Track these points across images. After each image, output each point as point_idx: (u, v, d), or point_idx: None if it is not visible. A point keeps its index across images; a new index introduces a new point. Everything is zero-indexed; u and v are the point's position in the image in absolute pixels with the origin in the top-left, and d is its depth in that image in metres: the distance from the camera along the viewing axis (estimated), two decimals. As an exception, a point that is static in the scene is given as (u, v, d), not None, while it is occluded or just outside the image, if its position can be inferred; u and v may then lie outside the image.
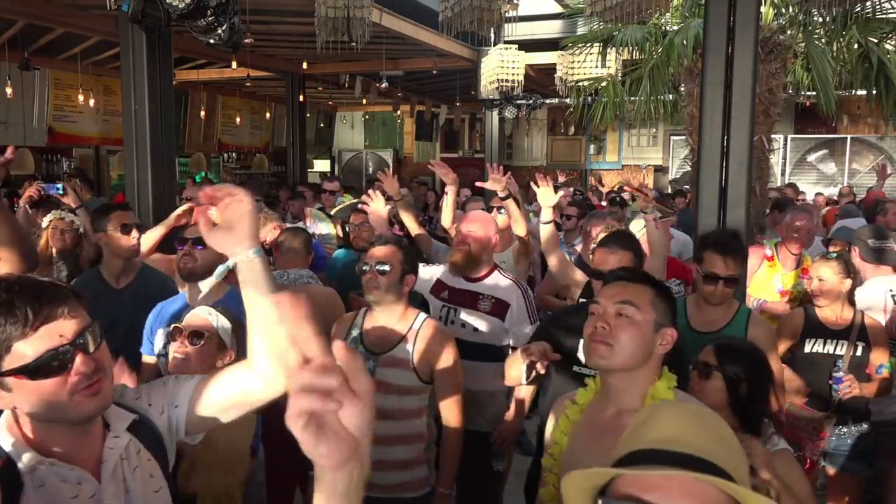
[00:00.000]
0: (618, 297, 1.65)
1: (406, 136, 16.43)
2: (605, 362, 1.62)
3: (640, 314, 1.63)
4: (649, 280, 1.73)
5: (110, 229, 3.11)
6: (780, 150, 12.51)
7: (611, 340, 1.60)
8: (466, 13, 4.61)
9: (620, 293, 1.66)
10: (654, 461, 0.90)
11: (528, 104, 9.84)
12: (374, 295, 2.54)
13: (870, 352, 3.22)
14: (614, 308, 1.63)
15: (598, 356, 1.62)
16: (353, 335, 2.64)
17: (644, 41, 6.52)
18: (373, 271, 2.54)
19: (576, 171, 15.10)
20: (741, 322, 2.78)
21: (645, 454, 0.93)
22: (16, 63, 8.76)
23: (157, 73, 4.12)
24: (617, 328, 1.61)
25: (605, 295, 1.68)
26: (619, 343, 1.60)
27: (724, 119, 3.14)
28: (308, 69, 10.13)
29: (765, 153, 5.97)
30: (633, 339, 1.61)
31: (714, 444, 0.93)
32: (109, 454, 1.29)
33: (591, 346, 1.64)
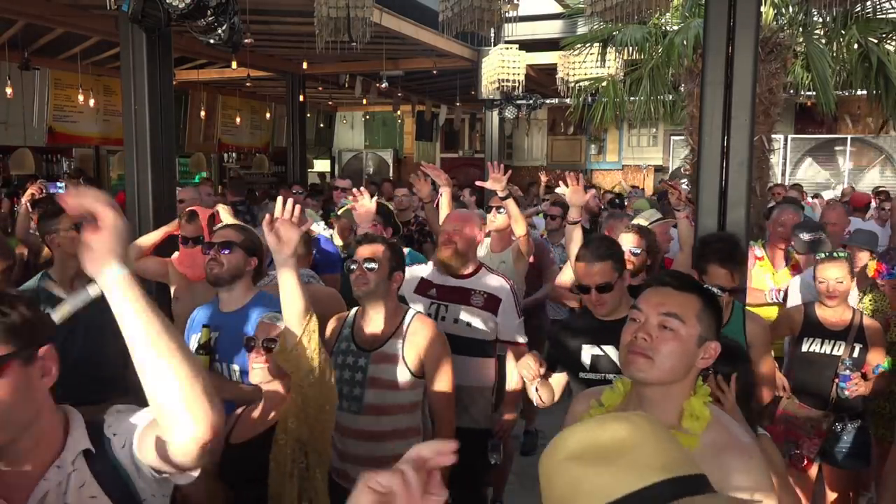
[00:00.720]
0: (662, 308, 1.53)
1: (406, 136, 16.42)
2: (644, 375, 1.52)
3: (685, 328, 1.52)
4: (697, 288, 1.61)
5: (62, 229, 2.99)
6: (780, 150, 12.51)
7: (651, 353, 1.50)
8: (467, 13, 4.61)
9: (665, 303, 1.54)
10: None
11: (529, 104, 9.84)
12: (363, 291, 2.57)
13: (867, 353, 3.23)
14: (658, 319, 1.52)
15: (636, 368, 1.52)
16: (344, 333, 2.67)
17: (644, 41, 6.52)
18: (361, 268, 2.56)
19: (576, 171, 15.10)
20: (738, 320, 2.79)
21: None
22: (16, 63, 8.76)
23: (157, 73, 4.11)
24: (659, 341, 1.51)
25: (648, 302, 1.56)
26: (660, 357, 1.50)
27: (724, 119, 3.14)
28: (308, 69, 10.13)
29: (765, 153, 5.98)
30: (675, 354, 1.51)
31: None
32: (39, 488, 1.22)
33: (629, 356, 1.53)
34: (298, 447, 2.09)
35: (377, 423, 2.55)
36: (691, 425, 1.49)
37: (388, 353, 2.57)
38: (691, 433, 1.47)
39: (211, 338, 2.59)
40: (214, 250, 2.65)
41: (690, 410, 1.51)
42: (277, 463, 2.07)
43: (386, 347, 2.58)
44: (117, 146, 9.87)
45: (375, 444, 2.55)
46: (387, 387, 2.55)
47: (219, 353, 2.62)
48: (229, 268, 2.63)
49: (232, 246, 2.64)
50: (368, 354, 2.58)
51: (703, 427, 1.48)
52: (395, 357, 2.56)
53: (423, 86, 12.11)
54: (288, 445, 2.08)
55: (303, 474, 2.09)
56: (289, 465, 2.06)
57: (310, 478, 2.10)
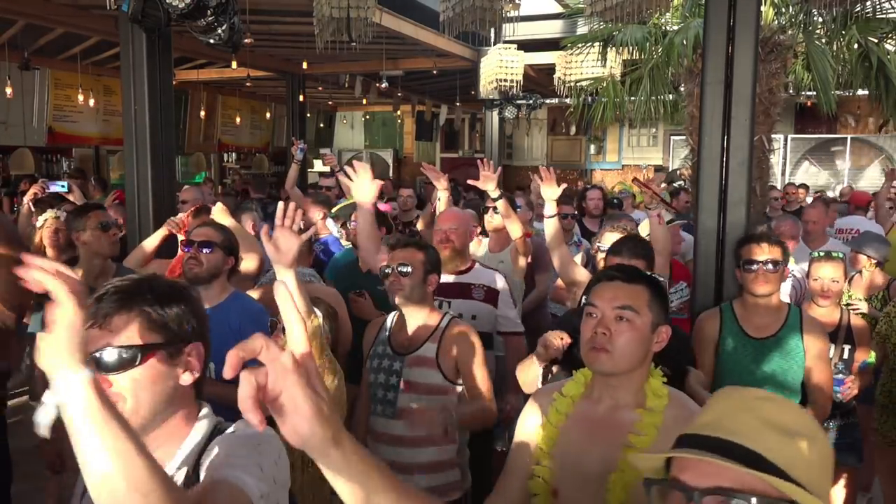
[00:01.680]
0: (616, 302, 1.63)
1: (406, 136, 16.42)
2: (607, 368, 1.61)
3: (640, 318, 1.62)
4: (644, 278, 1.71)
5: (90, 228, 3.15)
6: (780, 150, 12.51)
7: (610, 347, 1.60)
8: (468, 13, 4.60)
9: (618, 296, 1.63)
10: (691, 444, 0.95)
11: (528, 104, 9.84)
12: (398, 297, 2.57)
13: (855, 352, 3.23)
14: (613, 313, 1.62)
15: (599, 364, 1.61)
16: (381, 337, 2.68)
17: (644, 41, 6.52)
18: (395, 273, 2.56)
19: (576, 171, 15.11)
20: (795, 323, 2.75)
21: (687, 438, 0.98)
22: (16, 63, 8.75)
23: (157, 73, 4.11)
24: (617, 334, 1.60)
25: (602, 297, 1.65)
26: (619, 349, 1.60)
27: (724, 119, 3.14)
28: (308, 69, 10.13)
29: (765, 153, 5.97)
30: (633, 343, 1.61)
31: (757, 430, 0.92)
32: None
33: (591, 353, 1.62)
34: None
35: (411, 428, 2.52)
36: (654, 404, 1.61)
37: (423, 357, 2.55)
38: (656, 410, 1.59)
39: None
40: (194, 249, 2.68)
41: (652, 391, 1.63)
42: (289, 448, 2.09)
43: (421, 351, 2.56)
44: (117, 146, 9.87)
45: (408, 450, 2.53)
46: (421, 391, 2.53)
47: None
48: (208, 267, 2.65)
49: (212, 245, 2.66)
50: (403, 358, 2.57)
51: (664, 404, 1.61)
52: (430, 361, 2.55)
53: (423, 86, 12.11)
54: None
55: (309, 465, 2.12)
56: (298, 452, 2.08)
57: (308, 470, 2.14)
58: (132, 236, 4.16)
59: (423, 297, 2.60)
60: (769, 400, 0.99)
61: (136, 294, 1.26)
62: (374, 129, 16.88)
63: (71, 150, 10.62)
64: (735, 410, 0.97)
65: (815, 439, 0.94)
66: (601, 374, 1.65)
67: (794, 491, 0.88)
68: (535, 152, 15.51)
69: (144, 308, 1.25)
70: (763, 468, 0.89)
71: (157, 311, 1.26)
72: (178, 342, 1.27)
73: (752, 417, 0.94)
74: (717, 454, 0.91)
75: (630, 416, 1.60)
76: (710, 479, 0.91)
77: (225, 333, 2.50)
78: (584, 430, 1.63)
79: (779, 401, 0.99)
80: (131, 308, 1.24)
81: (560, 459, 1.62)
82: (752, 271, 2.73)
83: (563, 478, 1.61)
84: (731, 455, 0.91)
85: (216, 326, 2.52)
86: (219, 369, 2.57)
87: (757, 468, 0.89)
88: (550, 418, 1.68)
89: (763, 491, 0.89)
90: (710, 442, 0.93)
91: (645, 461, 1.04)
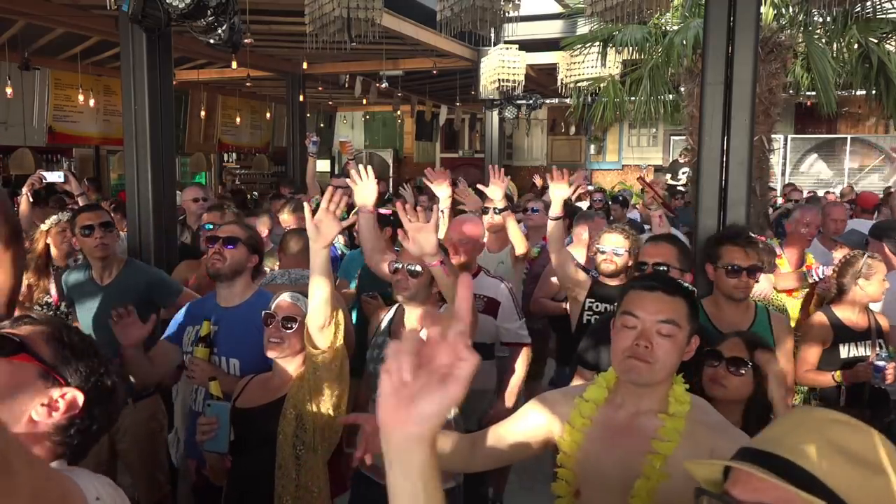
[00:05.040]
0: (661, 315, 1.60)
1: (406, 136, 16.43)
2: (644, 380, 1.60)
3: (681, 332, 1.61)
4: (682, 290, 1.69)
5: (77, 232, 3.22)
6: (780, 150, 12.51)
7: (651, 359, 1.58)
8: (468, 13, 4.60)
9: (662, 310, 1.61)
10: (747, 458, 0.92)
11: (528, 104, 9.83)
12: (403, 296, 2.58)
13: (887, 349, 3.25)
14: (656, 326, 1.59)
15: (636, 374, 1.59)
16: (382, 328, 2.72)
17: (644, 41, 6.52)
18: (403, 272, 2.57)
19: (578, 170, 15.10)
20: (764, 321, 2.77)
21: (745, 451, 0.95)
22: (16, 63, 8.76)
23: (157, 73, 4.11)
24: (658, 347, 1.58)
25: (644, 309, 1.62)
26: (660, 362, 1.58)
27: (724, 119, 3.14)
28: (308, 69, 10.13)
29: (765, 153, 5.97)
30: (672, 357, 1.60)
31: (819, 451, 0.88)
32: None
33: (629, 362, 1.59)
34: (302, 423, 2.17)
35: None
36: (677, 409, 1.61)
37: None
38: (678, 416, 1.59)
39: (211, 331, 2.61)
40: (219, 245, 2.66)
41: (675, 397, 1.62)
42: (285, 435, 2.16)
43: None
44: (117, 146, 9.88)
45: None
46: None
47: (218, 346, 2.64)
48: (231, 263, 2.64)
49: (236, 242, 2.66)
50: None
51: (686, 410, 1.61)
52: None
53: (423, 86, 12.11)
54: (294, 419, 2.16)
55: (300, 451, 2.17)
56: (291, 438, 2.16)
57: (309, 454, 2.17)
58: (132, 236, 4.16)
59: (426, 297, 2.60)
60: (842, 424, 0.93)
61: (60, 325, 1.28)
62: (374, 129, 16.89)
63: (71, 150, 10.63)
64: (801, 428, 0.93)
65: (884, 472, 0.87)
66: (636, 384, 1.62)
67: None
68: (535, 152, 15.52)
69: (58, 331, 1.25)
70: (817, 492, 0.84)
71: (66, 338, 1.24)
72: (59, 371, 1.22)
73: (818, 438, 0.90)
74: (771, 471, 0.87)
75: (653, 422, 1.59)
76: (758, 496, 0.88)
77: (250, 331, 2.53)
78: (608, 437, 1.63)
79: (854, 425, 0.93)
80: (48, 324, 1.26)
81: (583, 463, 1.63)
82: (735, 277, 2.71)
83: (586, 480, 1.62)
84: (785, 474, 0.87)
85: (240, 324, 2.60)
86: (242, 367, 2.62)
87: (810, 491, 0.84)
88: (574, 422, 1.67)
89: None
90: (768, 458, 0.90)
91: (701, 469, 1.00)
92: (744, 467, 0.90)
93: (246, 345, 2.55)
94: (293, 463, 2.16)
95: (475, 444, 1.78)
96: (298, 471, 2.17)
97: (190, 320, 2.76)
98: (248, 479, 2.24)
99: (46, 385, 1.21)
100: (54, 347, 1.23)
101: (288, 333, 2.25)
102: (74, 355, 1.24)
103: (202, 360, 2.56)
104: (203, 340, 2.59)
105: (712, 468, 0.98)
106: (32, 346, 1.21)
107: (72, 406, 1.22)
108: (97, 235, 3.17)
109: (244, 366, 2.58)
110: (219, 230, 2.78)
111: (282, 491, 2.15)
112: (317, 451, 2.18)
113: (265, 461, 2.18)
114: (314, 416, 2.17)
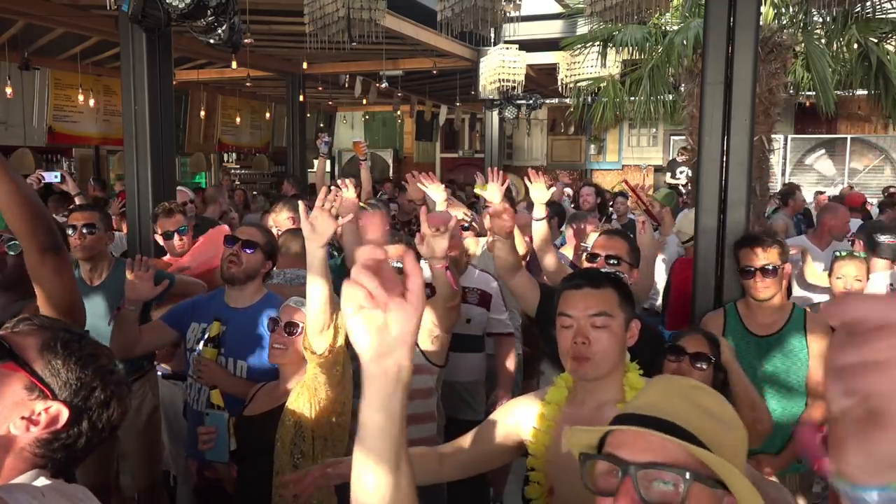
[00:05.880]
0: (591, 310, 1.66)
1: (406, 136, 16.42)
2: (591, 376, 1.65)
3: (614, 321, 1.66)
4: (609, 280, 1.73)
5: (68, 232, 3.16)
6: (780, 150, 12.51)
7: (591, 355, 1.63)
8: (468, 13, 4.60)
9: (591, 304, 1.66)
10: (630, 422, 1.02)
11: (528, 104, 9.83)
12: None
13: None
14: (589, 321, 1.65)
15: (582, 373, 1.65)
16: None
17: (644, 41, 6.52)
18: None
19: (576, 171, 15.11)
20: (799, 322, 2.75)
21: (625, 417, 1.05)
22: (16, 63, 8.76)
23: (157, 73, 4.11)
24: (595, 341, 1.63)
25: (574, 307, 1.68)
26: (600, 355, 1.63)
27: (724, 119, 3.14)
28: (308, 69, 10.12)
29: (765, 153, 5.97)
30: (611, 347, 1.65)
31: (691, 412, 1.01)
32: None
33: (572, 363, 1.65)
34: (301, 431, 2.15)
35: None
36: (633, 396, 1.62)
37: None
38: None
39: (220, 332, 2.60)
40: (237, 247, 2.63)
41: (630, 385, 1.68)
42: (283, 443, 2.15)
43: None
44: (117, 146, 9.87)
45: None
46: None
47: (225, 347, 2.62)
48: (247, 267, 2.63)
49: (255, 246, 2.64)
50: None
51: None
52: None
53: (423, 86, 12.11)
54: (293, 427, 2.14)
55: (297, 459, 2.15)
56: (288, 446, 2.14)
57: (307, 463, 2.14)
58: (132, 236, 4.16)
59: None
60: (700, 389, 1.11)
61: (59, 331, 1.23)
62: (374, 129, 16.88)
63: (71, 150, 10.62)
64: (670, 394, 1.07)
65: (738, 427, 1.06)
66: (585, 381, 1.68)
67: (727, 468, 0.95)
68: (535, 152, 15.51)
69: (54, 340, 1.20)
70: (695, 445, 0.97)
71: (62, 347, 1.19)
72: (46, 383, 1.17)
73: (686, 401, 1.04)
74: (659, 431, 0.97)
75: (614, 412, 1.60)
76: (646, 455, 0.96)
77: (255, 334, 2.52)
78: None
79: (707, 390, 1.12)
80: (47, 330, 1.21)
81: (553, 461, 1.65)
82: (749, 277, 2.74)
83: (558, 477, 1.65)
84: (668, 432, 0.97)
85: (247, 327, 2.59)
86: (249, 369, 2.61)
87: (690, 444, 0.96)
88: (539, 426, 1.71)
89: (695, 468, 0.95)
90: (650, 421, 1.00)
91: (580, 436, 1.08)
92: (633, 429, 1.00)
93: (253, 347, 2.56)
94: (290, 472, 2.12)
95: (443, 455, 1.81)
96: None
97: (195, 314, 2.74)
98: (251, 486, 2.23)
99: (31, 397, 1.16)
100: (46, 357, 1.18)
101: (291, 339, 2.23)
102: (66, 367, 1.19)
103: (210, 360, 2.55)
104: (212, 341, 2.58)
105: (590, 434, 1.07)
106: (22, 353, 1.16)
107: (53, 421, 1.17)
108: (77, 236, 3.13)
109: (251, 368, 2.57)
110: (238, 231, 2.75)
111: (279, 501, 2.13)
112: (316, 460, 2.12)
113: (266, 469, 2.16)
114: (313, 424, 2.14)
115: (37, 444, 1.17)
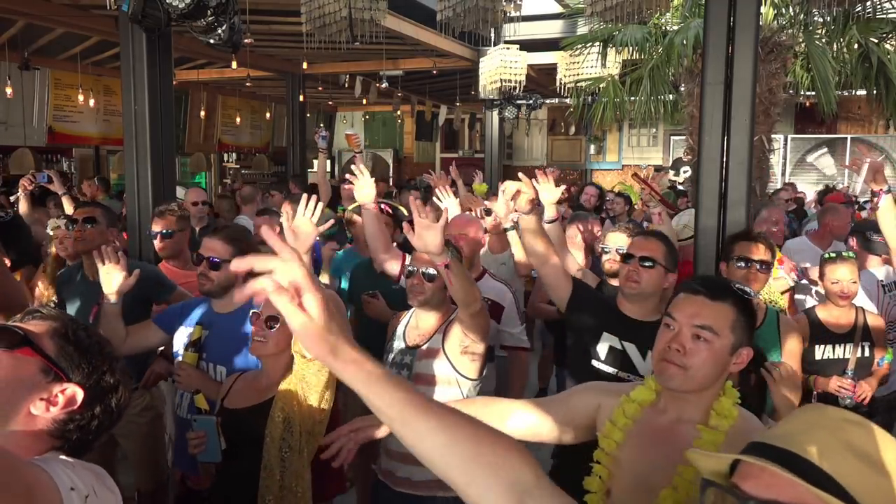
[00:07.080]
0: (696, 320, 1.53)
1: (406, 136, 16.43)
2: (676, 385, 1.54)
3: (719, 340, 1.52)
4: (731, 296, 1.58)
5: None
6: (780, 150, 12.51)
7: (684, 364, 1.52)
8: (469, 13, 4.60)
9: (699, 314, 1.54)
10: (761, 453, 0.90)
11: (528, 104, 9.83)
12: (417, 301, 2.54)
13: (874, 350, 3.23)
14: (691, 331, 1.53)
15: (668, 377, 1.54)
16: (398, 332, 2.69)
17: (644, 41, 6.53)
18: (419, 276, 2.52)
19: (576, 171, 15.11)
20: (773, 324, 2.76)
21: (757, 446, 0.93)
22: (16, 63, 8.76)
23: (157, 73, 4.10)
24: (691, 353, 1.52)
25: (682, 311, 1.56)
26: (693, 368, 1.52)
27: (724, 119, 3.13)
28: (308, 69, 10.13)
29: (765, 153, 5.98)
30: (708, 365, 1.52)
31: (835, 449, 0.86)
32: None
33: (661, 364, 1.55)
34: (290, 426, 2.17)
35: None
36: (719, 423, 1.53)
37: (431, 349, 2.54)
38: (718, 430, 1.52)
39: (202, 336, 2.58)
40: (203, 265, 2.58)
41: (719, 410, 1.55)
42: (272, 437, 2.17)
43: (430, 343, 2.56)
44: (117, 146, 9.88)
45: None
46: (429, 382, 2.51)
47: (207, 352, 2.60)
48: (219, 282, 2.59)
49: (219, 266, 2.57)
50: (414, 352, 2.57)
51: (729, 424, 1.53)
52: (436, 352, 2.52)
53: (423, 86, 12.11)
54: (282, 422, 2.17)
55: (285, 453, 2.17)
56: (277, 441, 2.17)
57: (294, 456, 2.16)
58: (132, 236, 4.16)
59: (441, 301, 2.56)
60: (858, 425, 0.90)
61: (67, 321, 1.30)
62: (374, 129, 16.88)
63: (71, 150, 10.63)
64: (815, 427, 0.91)
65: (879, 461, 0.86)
66: (668, 388, 1.58)
67: None
68: (535, 152, 15.52)
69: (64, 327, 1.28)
70: (832, 492, 0.82)
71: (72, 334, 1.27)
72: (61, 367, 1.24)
73: (831, 437, 0.88)
74: (787, 468, 0.85)
75: (692, 433, 1.54)
76: (769, 492, 0.86)
77: (237, 339, 2.51)
78: (647, 440, 1.59)
79: (870, 428, 0.90)
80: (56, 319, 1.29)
81: (619, 462, 1.59)
82: (744, 268, 2.73)
83: (619, 481, 1.58)
84: (801, 471, 0.84)
85: (228, 332, 2.57)
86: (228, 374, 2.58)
87: (826, 491, 0.82)
88: (616, 420, 1.63)
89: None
90: (779, 453, 0.88)
91: (707, 461, 0.98)
92: (758, 462, 0.88)
93: (233, 352, 2.54)
94: (278, 464, 2.16)
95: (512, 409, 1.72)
96: (283, 472, 2.16)
97: (183, 317, 2.73)
98: (233, 479, 2.24)
99: (47, 380, 1.23)
100: (58, 343, 1.25)
101: (271, 333, 2.23)
102: (78, 352, 1.26)
103: (190, 365, 2.53)
104: (193, 345, 2.56)
105: (719, 461, 0.95)
106: (36, 340, 1.24)
107: (70, 402, 1.25)
108: (77, 229, 3.14)
109: (230, 374, 2.55)
110: (202, 248, 2.63)
111: (265, 491, 2.15)
112: (302, 453, 2.17)
113: (252, 462, 2.17)
114: (302, 419, 2.17)
115: (54, 425, 1.24)
